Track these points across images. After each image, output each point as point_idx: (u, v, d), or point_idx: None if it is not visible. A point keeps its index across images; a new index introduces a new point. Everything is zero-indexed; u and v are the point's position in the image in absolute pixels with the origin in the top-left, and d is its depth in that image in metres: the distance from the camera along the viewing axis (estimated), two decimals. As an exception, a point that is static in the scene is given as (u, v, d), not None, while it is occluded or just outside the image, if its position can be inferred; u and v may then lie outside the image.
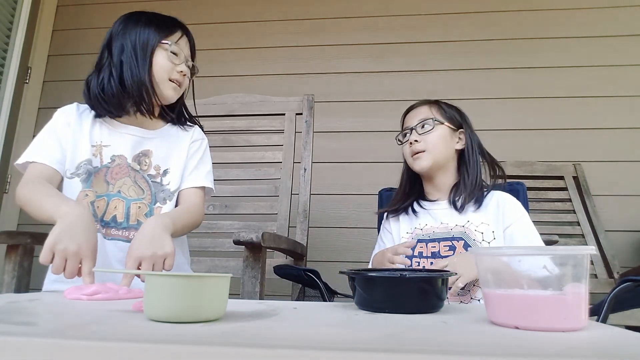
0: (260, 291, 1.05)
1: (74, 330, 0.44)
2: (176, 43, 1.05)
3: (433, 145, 1.17)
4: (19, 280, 1.08)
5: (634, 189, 1.93)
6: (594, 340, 0.45)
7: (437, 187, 1.21)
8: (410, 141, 1.19)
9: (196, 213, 1.08)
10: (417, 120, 1.20)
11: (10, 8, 2.19)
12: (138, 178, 1.05)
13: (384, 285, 0.65)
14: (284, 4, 2.28)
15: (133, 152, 1.06)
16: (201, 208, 1.11)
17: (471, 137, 1.21)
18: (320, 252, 1.96)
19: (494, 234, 1.10)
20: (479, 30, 2.14)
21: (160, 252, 0.86)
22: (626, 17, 2.09)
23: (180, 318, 0.49)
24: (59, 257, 0.78)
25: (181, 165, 1.11)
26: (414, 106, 1.26)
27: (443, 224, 1.15)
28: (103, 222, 1.00)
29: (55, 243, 0.79)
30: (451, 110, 1.23)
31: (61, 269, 0.78)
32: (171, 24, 1.07)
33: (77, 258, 0.79)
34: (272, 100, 1.72)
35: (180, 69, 1.05)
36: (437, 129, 1.18)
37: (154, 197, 1.06)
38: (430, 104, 1.24)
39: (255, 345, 0.39)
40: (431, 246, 1.13)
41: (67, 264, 0.79)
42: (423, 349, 0.39)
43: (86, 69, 1.07)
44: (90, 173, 1.01)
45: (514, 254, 0.56)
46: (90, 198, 0.99)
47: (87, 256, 0.80)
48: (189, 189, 1.10)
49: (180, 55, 1.05)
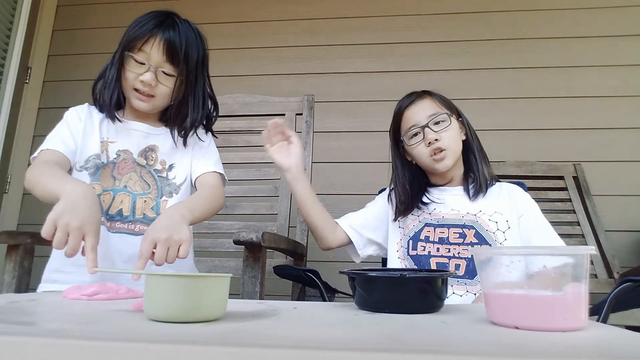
0: (260, 291, 1.05)
1: (74, 330, 0.44)
2: (140, 50, 0.98)
3: (452, 141, 1.11)
4: (20, 280, 1.08)
5: (634, 189, 1.92)
6: (594, 340, 0.45)
7: (445, 178, 1.17)
8: (429, 141, 1.10)
9: (215, 197, 1.05)
10: (427, 116, 1.12)
11: (10, 8, 2.19)
12: (144, 173, 1.06)
13: (384, 285, 0.65)
14: (284, 4, 2.28)
15: (139, 148, 1.08)
16: (220, 190, 1.09)
17: (468, 124, 1.17)
18: (320, 252, 1.94)
19: (508, 223, 1.07)
20: (479, 30, 2.14)
21: (176, 237, 0.83)
22: (627, 17, 2.08)
23: (180, 318, 0.49)
24: (60, 231, 0.76)
25: (186, 158, 1.11)
26: (412, 101, 1.16)
27: (454, 210, 1.11)
28: (108, 215, 1.00)
29: (58, 217, 0.76)
30: (447, 99, 1.18)
31: (63, 243, 0.76)
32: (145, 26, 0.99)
33: (80, 233, 0.77)
34: (272, 101, 1.73)
35: (142, 78, 0.98)
36: (452, 123, 1.11)
37: (160, 191, 1.06)
38: (430, 94, 1.16)
39: (255, 345, 0.39)
40: (439, 232, 1.08)
41: (70, 239, 0.76)
42: (423, 349, 0.39)
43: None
44: (98, 167, 1.02)
45: (513, 254, 0.56)
46: (97, 191, 1.00)
47: (90, 231, 0.78)
48: (205, 174, 1.10)
49: (146, 63, 0.99)
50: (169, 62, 1.00)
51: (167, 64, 1.00)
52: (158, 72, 1.00)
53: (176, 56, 1.00)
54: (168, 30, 0.99)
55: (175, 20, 1.02)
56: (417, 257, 1.07)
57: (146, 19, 1.00)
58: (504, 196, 1.12)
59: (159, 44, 0.98)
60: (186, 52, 1.01)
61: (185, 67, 1.02)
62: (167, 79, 1.01)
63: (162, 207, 1.05)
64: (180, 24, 1.02)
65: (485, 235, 1.05)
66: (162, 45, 0.98)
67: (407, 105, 1.16)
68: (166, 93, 1.03)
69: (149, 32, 0.98)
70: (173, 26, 1.00)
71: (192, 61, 1.03)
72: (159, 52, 0.99)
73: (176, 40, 0.99)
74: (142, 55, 0.99)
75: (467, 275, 1.03)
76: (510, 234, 1.06)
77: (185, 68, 1.02)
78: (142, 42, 0.98)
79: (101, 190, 1.00)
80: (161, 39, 0.98)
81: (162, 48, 0.98)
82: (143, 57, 0.99)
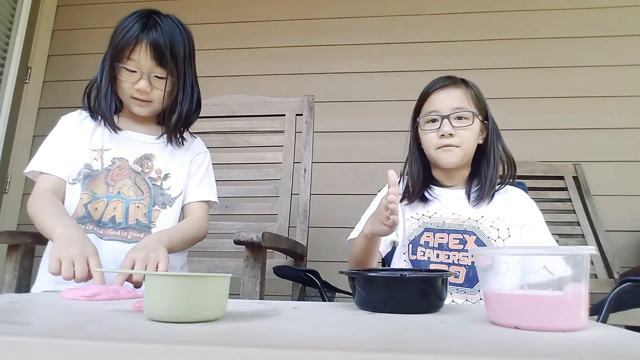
0: (261, 291, 1.05)
1: (74, 330, 0.44)
2: (130, 59, 0.99)
3: (467, 141, 1.06)
4: (20, 280, 1.08)
5: (634, 189, 1.92)
6: (594, 340, 0.45)
7: (449, 176, 1.12)
8: (443, 133, 1.05)
9: (198, 228, 1.09)
10: (451, 107, 1.06)
11: (10, 8, 2.19)
12: (138, 180, 1.06)
13: (384, 285, 0.65)
14: (284, 4, 2.27)
15: (135, 156, 1.08)
16: (204, 222, 1.12)
17: (494, 129, 1.10)
18: (320, 252, 1.95)
19: (509, 230, 1.04)
20: (479, 30, 2.14)
21: (153, 256, 0.88)
22: (627, 17, 2.08)
23: (180, 318, 0.49)
24: (65, 261, 0.81)
25: (183, 172, 1.11)
26: (445, 84, 1.10)
27: (455, 214, 1.07)
28: (100, 223, 1.01)
29: (58, 253, 0.82)
30: (482, 97, 1.11)
31: (71, 272, 0.80)
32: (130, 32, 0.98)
33: (83, 257, 0.82)
34: (272, 101, 1.72)
35: (138, 86, 1.00)
36: (474, 123, 1.06)
37: (153, 199, 1.06)
38: (466, 86, 1.10)
39: (255, 345, 0.39)
40: (439, 237, 1.05)
41: (76, 265, 0.81)
42: (423, 349, 0.39)
43: (86, 69, 1.08)
44: (87, 176, 1.03)
45: (513, 254, 0.56)
46: (84, 201, 1.01)
47: (91, 254, 0.84)
48: (194, 203, 1.12)
49: (138, 71, 0.99)
50: (159, 66, 1.00)
51: (157, 67, 1.00)
52: (151, 77, 1.01)
53: (165, 58, 1.00)
54: (152, 32, 0.98)
55: (157, 21, 1.00)
56: (417, 262, 1.05)
57: (129, 24, 0.99)
58: (508, 202, 1.08)
59: (146, 49, 0.98)
60: (173, 51, 1.01)
61: (175, 66, 1.02)
62: (160, 82, 1.02)
63: (154, 216, 1.05)
64: (163, 22, 1.01)
65: (487, 242, 1.03)
66: (149, 50, 0.98)
67: (437, 88, 1.10)
68: (162, 96, 1.04)
69: (134, 39, 0.98)
70: (156, 26, 0.99)
71: (180, 58, 1.03)
72: (148, 57, 0.99)
73: (162, 41, 0.99)
74: (132, 63, 0.99)
75: (467, 284, 1.00)
76: (509, 242, 1.03)
77: (174, 67, 1.02)
78: (130, 50, 0.98)
79: (89, 199, 1.01)
80: (147, 44, 0.98)
81: (150, 53, 0.98)
82: (134, 65, 0.99)
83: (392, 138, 1.23)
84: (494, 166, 1.08)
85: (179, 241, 1.01)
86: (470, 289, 0.99)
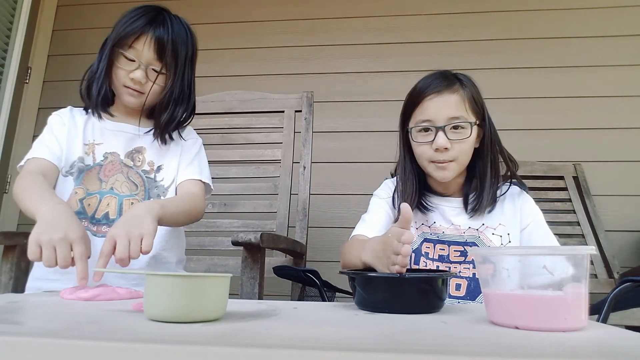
0: (259, 292, 1.04)
1: (74, 330, 0.44)
2: (131, 47, 0.97)
3: (463, 154, 0.99)
4: (16, 280, 1.08)
5: (634, 189, 1.92)
6: (594, 340, 0.45)
7: (445, 186, 1.06)
8: (438, 147, 0.96)
9: (193, 202, 1.03)
10: (447, 117, 0.97)
11: (10, 8, 2.19)
12: (131, 174, 1.05)
13: (384, 285, 0.65)
14: (284, 4, 2.27)
15: (126, 149, 1.06)
16: (199, 198, 1.06)
17: (491, 129, 1.02)
18: (320, 252, 1.95)
19: (509, 236, 1.01)
20: (478, 30, 2.14)
21: (136, 231, 0.79)
22: (627, 17, 2.08)
23: (180, 318, 0.49)
24: (46, 247, 0.73)
25: (174, 162, 1.10)
26: (439, 90, 0.98)
27: (454, 225, 1.03)
28: (94, 219, 0.99)
29: (39, 237, 0.74)
30: (479, 96, 1.01)
31: (53, 259, 0.73)
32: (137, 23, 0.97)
33: (66, 243, 0.74)
34: (271, 97, 1.72)
35: (132, 75, 0.98)
36: (471, 135, 0.98)
37: (147, 192, 1.05)
38: (462, 87, 0.99)
39: (255, 345, 0.39)
40: (439, 248, 1.02)
41: (57, 251, 0.74)
42: (423, 349, 0.39)
43: (86, 69, 1.07)
44: (81, 171, 1.02)
45: (513, 254, 0.56)
46: (79, 195, 1.00)
47: (76, 240, 0.75)
48: (186, 181, 1.08)
49: (137, 60, 0.98)
50: (159, 60, 1.00)
51: (157, 61, 1.00)
52: (148, 69, 1.00)
53: (166, 53, 0.99)
54: (159, 28, 0.98)
55: (166, 17, 1.01)
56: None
57: (138, 14, 0.99)
58: (509, 204, 1.05)
59: (150, 41, 0.97)
60: (176, 50, 1.01)
61: (175, 65, 1.02)
62: (156, 75, 1.01)
63: None
64: (172, 21, 1.02)
65: None
66: (153, 43, 0.98)
67: (431, 93, 0.98)
68: (156, 90, 1.02)
69: (140, 29, 0.97)
70: (164, 23, 0.99)
71: (181, 58, 1.03)
72: (150, 50, 0.98)
73: (167, 38, 0.99)
74: (132, 52, 0.98)
75: (468, 296, 0.98)
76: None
77: (174, 64, 1.02)
78: (133, 39, 0.97)
79: (84, 194, 1.00)
80: (152, 37, 0.97)
81: (153, 46, 0.98)
82: (134, 54, 0.98)
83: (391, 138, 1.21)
84: (491, 174, 1.01)
85: (173, 209, 0.94)
86: (472, 301, 0.97)
